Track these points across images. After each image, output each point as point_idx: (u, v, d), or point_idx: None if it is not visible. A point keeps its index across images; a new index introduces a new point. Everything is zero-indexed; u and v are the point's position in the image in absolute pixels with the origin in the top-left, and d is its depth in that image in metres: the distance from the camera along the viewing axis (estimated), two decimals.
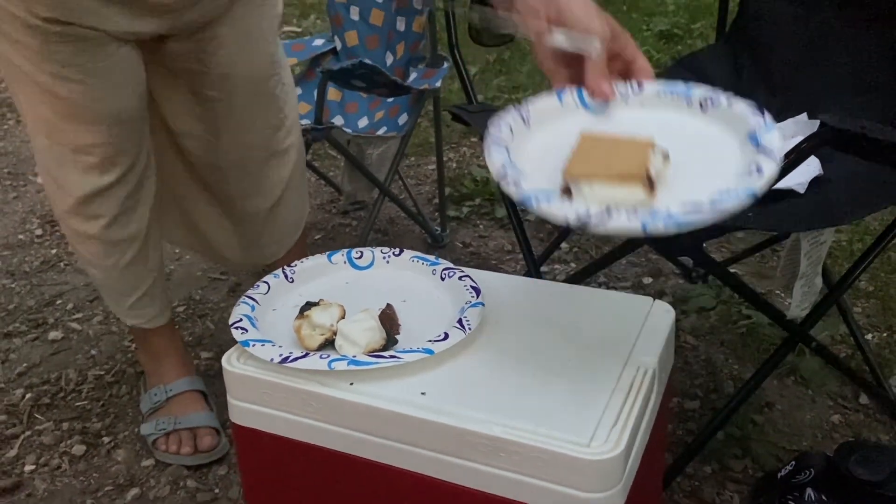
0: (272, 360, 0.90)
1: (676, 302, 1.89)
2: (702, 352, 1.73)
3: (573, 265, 2.08)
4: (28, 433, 1.62)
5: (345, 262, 1.09)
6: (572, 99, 0.94)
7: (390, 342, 0.94)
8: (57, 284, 2.08)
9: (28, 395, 1.71)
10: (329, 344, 0.94)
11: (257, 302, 1.00)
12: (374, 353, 0.92)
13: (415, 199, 2.29)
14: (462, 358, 0.93)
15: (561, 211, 0.80)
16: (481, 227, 2.29)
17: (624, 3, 4.19)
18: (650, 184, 0.82)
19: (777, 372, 1.62)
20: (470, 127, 1.59)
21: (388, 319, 0.96)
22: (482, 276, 1.05)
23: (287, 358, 0.90)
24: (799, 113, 1.53)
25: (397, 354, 0.90)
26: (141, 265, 1.51)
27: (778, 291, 1.89)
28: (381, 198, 1.99)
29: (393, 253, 1.10)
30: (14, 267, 2.17)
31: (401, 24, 2.02)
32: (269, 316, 1.01)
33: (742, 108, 0.90)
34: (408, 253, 1.10)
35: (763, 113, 0.89)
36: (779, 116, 1.54)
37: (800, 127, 1.50)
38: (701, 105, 0.93)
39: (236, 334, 0.95)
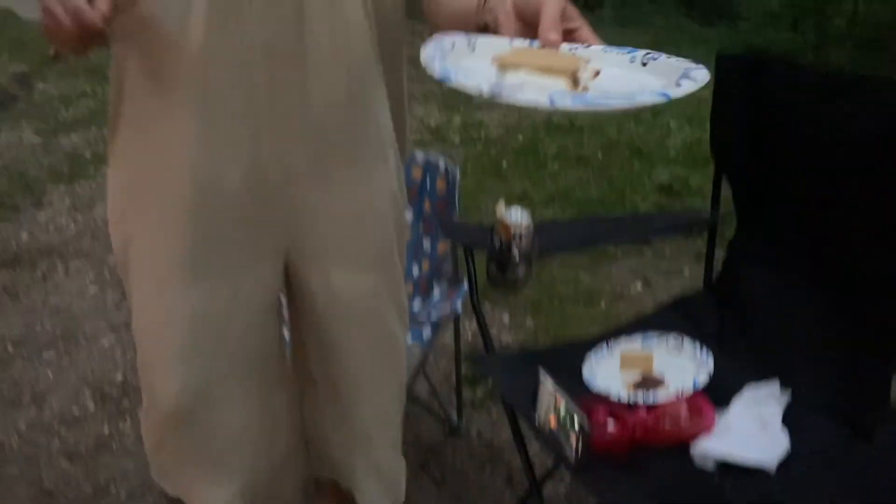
0: None
1: None
2: None
3: None
4: None
5: None
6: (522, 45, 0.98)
7: None
8: (110, 468, 2.30)
9: None
10: None
11: None
12: None
13: (434, 387, 2.50)
14: None
15: (476, 82, 0.83)
16: (494, 413, 2.50)
17: (628, 149, 4.48)
18: (576, 83, 0.86)
19: None
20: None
21: None
22: None
23: None
24: (773, 375, 1.73)
25: None
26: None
27: None
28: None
29: None
30: (71, 447, 2.38)
31: (427, 244, 2.27)
32: None
33: (680, 62, 0.94)
34: None
35: None
36: (757, 376, 1.74)
37: (771, 393, 1.69)
38: (643, 63, 0.97)
39: None
